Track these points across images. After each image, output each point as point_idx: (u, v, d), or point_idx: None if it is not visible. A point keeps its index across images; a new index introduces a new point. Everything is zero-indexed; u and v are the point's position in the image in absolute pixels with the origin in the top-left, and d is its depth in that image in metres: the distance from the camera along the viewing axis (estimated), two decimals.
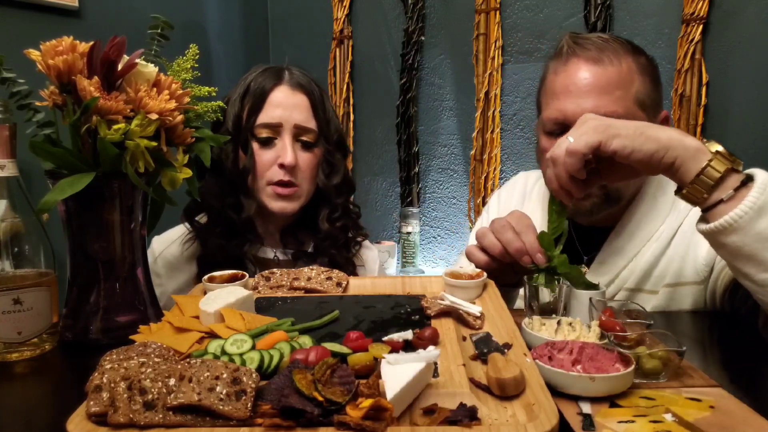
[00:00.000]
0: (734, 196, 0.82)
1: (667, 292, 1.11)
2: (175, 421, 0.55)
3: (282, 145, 1.21)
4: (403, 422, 0.56)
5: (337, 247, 1.28)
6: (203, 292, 0.87)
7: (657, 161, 0.84)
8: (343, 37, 2.39)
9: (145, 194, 0.92)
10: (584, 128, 0.86)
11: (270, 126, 1.21)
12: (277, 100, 1.21)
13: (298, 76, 1.25)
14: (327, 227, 1.27)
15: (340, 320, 0.81)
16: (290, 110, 1.21)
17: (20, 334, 0.83)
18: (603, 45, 1.11)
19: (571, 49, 1.13)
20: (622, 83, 1.09)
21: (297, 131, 1.22)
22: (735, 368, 0.82)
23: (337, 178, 1.27)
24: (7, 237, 0.84)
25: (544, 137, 1.16)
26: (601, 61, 1.09)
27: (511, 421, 0.57)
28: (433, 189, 2.35)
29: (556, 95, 1.13)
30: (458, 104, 2.26)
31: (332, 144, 1.27)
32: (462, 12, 2.18)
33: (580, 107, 1.07)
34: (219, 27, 2.22)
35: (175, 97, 0.88)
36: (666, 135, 0.84)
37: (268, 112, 1.21)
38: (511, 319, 0.80)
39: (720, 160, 0.83)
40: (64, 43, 0.84)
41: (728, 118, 1.77)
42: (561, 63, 1.14)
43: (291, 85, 1.23)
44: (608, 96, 1.08)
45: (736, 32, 1.75)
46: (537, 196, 1.33)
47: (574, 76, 1.10)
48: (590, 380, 0.64)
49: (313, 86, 1.25)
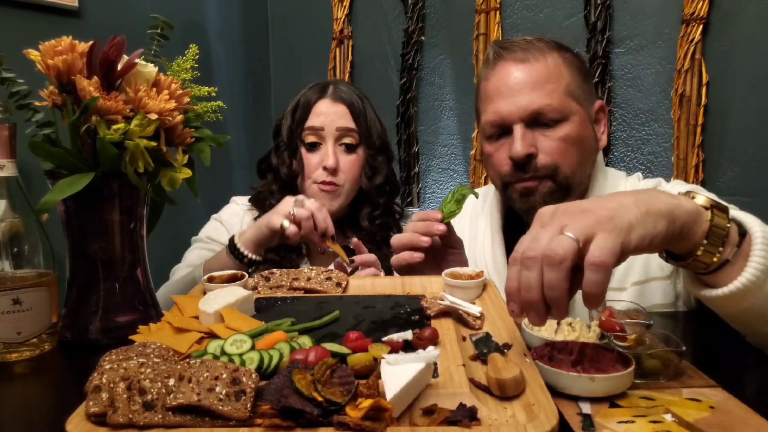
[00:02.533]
0: (738, 253, 0.73)
1: (635, 289, 1.11)
2: (174, 421, 0.55)
3: (325, 150, 1.38)
4: (402, 422, 0.56)
5: (376, 243, 1.41)
6: (203, 293, 0.87)
7: (669, 237, 0.68)
8: (343, 37, 2.39)
9: (145, 194, 0.92)
10: (581, 227, 0.62)
11: (314, 129, 1.39)
12: (320, 110, 1.39)
13: (340, 90, 1.42)
14: (367, 224, 1.43)
15: (339, 320, 0.81)
16: (332, 117, 1.39)
17: (20, 334, 0.83)
18: (527, 45, 1.15)
19: (497, 54, 1.17)
20: (551, 77, 1.12)
21: (339, 134, 1.39)
22: (735, 368, 0.82)
23: (379, 179, 1.42)
24: (7, 237, 0.84)
25: (486, 143, 1.19)
26: (527, 60, 1.13)
27: (510, 422, 0.57)
28: (433, 189, 2.35)
29: (490, 99, 1.16)
30: (458, 104, 2.26)
31: (374, 148, 1.42)
32: (462, 12, 2.18)
33: (515, 105, 1.11)
34: (219, 27, 2.22)
35: (175, 97, 0.88)
36: (664, 204, 0.68)
37: (313, 119, 1.39)
38: (511, 319, 0.80)
39: (718, 215, 0.71)
40: (63, 43, 0.84)
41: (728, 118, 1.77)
42: (490, 69, 1.17)
43: (333, 98, 1.40)
44: (540, 90, 1.11)
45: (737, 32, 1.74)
46: (488, 213, 1.32)
47: (504, 78, 1.14)
48: (590, 380, 0.64)
49: (355, 98, 1.41)
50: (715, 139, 1.77)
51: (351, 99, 1.41)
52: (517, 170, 1.13)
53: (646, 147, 1.89)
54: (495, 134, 1.16)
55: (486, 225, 1.30)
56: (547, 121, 1.12)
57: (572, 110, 1.13)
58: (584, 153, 1.16)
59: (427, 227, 1.02)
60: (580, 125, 1.14)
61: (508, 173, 1.15)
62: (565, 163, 1.12)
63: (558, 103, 1.11)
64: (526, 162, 1.12)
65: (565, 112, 1.12)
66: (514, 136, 1.12)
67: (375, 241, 1.42)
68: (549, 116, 1.11)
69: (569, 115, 1.13)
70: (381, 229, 1.44)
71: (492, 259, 1.25)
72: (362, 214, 1.44)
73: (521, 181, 1.14)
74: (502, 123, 1.13)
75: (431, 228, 1.02)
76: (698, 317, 1.07)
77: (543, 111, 1.11)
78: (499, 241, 1.26)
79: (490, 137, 1.18)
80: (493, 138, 1.17)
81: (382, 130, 1.46)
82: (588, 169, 1.19)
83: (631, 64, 1.88)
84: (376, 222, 1.43)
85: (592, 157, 1.20)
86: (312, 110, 1.40)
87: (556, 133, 1.12)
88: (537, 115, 1.11)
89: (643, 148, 1.89)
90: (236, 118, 2.33)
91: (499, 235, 1.26)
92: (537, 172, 1.12)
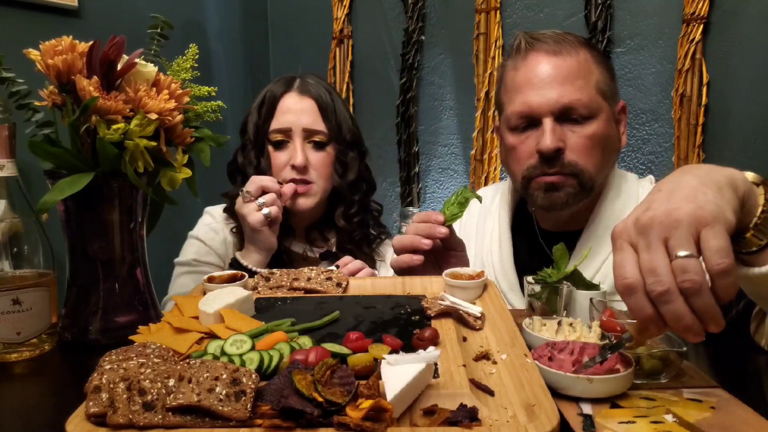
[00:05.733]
0: None
1: None
2: (174, 421, 0.55)
3: (293, 147, 1.31)
4: (403, 423, 0.56)
5: (356, 243, 1.37)
6: (203, 293, 0.87)
7: (738, 207, 0.65)
8: (343, 37, 2.39)
9: (145, 194, 0.92)
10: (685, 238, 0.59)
11: (281, 131, 1.32)
12: (286, 106, 1.32)
13: (307, 83, 1.34)
14: (343, 223, 1.36)
15: (340, 321, 0.80)
16: (298, 115, 1.31)
17: (19, 334, 0.83)
18: (559, 38, 1.14)
19: (529, 44, 1.15)
20: (582, 73, 1.11)
21: (306, 134, 1.32)
22: (736, 369, 0.82)
23: (351, 175, 1.35)
24: (7, 237, 0.84)
25: (510, 134, 1.17)
26: (560, 53, 1.12)
27: (511, 422, 0.56)
28: (433, 189, 2.35)
29: (519, 89, 1.14)
30: (458, 104, 2.26)
31: (345, 144, 1.35)
32: (462, 11, 2.18)
33: (545, 98, 1.10)
34: (219, 27, 2.22)
35: (175, 97, 0.88)
36: (723, 176, 0.66)
37: (279, 118, 1.32)
38: (511, 319, 0.80)
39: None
40: (63, 42, 0.84)
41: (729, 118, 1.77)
42: (520, 59, 1.15)
43: (299, 92, 1.33)
44: (571, 85, 1.10)
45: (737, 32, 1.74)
46: (497, 211, 1.31)
47: (535, 68, 1.12)
48: (588, 381, 0.64)
49: (322, 91, 1.34)
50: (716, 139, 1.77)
51: (318, 93, 1.33)
52: (542, 164, 1.12)
53: (646, 147, 1.88)
54: (521, 126, 1.14)
55: (494, 224, 1.29)
56: (577, 117, 1.11)
57: (601, 108, 1.12)
58: (608, 152, 1.15)
59: (428, 229, 1.02)
60: (607, 124, 1.13)
61: (533, 166, 1.13)
62: (590, 163, 1.11)
63: (588, 99, 1.10)
64: (554, 156, 1.10)
65: (594, 109, 1.11)
66: (544, 129, 1.10)
67: (354, 241, 1.38)
68: (579, 112, 1.10)
69: (598, 113, 1.12)
70: (359, 227, 1.38)
71: (499, 259, 1.25)
72: (337, 214, 1.37)
73: (546, 175, 1.12)
74: (531, 115, 1.12)
75: (433, 231, 1.01)
76: None
77: (573, 106, 1.10)
78: (507, 241, 1.25)
79: (515, 128, 1.15)
80: (518, 130, 1.15)
81: (353, 125, 1.39)
82: (609, 168, 1.18)
83: (632, 64, 1.88)
84: (352, 220, 1.37)
85: (614, 156, 1.19)
86: (278, 107, 1.33)
87: (585, 130, 1.11)
88: (567, 110, 1.10)
89: (643, 147, 1.89)
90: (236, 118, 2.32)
91: (507, 235, 1.26)
92: (563, 168, 1.11)
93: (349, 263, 1.11)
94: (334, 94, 1.37)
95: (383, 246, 1.46)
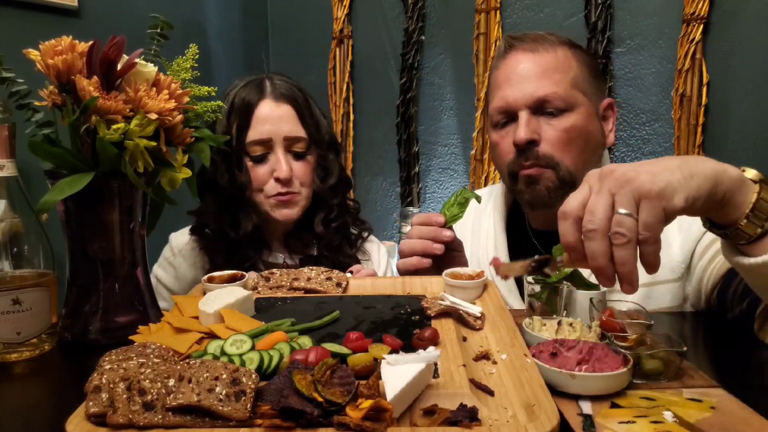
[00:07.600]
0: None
1: (643, 291, 1.09)
2: (174, 421, 0.55)
3: (275, 159, 1.22)
4: (403, 423, 0.56)
5: (334, 248, 1.30)
6: (203, 293, 0.87)
7: (711, 201, 0.70)
8: (343, 37, 2.39)
9: (145, 194, 0.92)
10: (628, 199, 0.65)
11: (261, 143, 1.21)
12: (264, 115, 1.21)
13: (279, 85, 1.25)
14: (321, 230, 1.29)
15: (340, 321, 0.80)
16: (278, 123, 1.22)
17: (19, 334, 0.83)
18: (539, 37, 1.17)
19: (509, 45, 1.18)
20: (559, 68, 1.13)
21: (288, 143, 1.23)
22: (736, 368, 0.82)
23: (332, 179, 1.30)
24: (7, 237, 0.84)
25: (493, 131, 1.20)
26: (537, 50, 1.15)
27: (511, 422, 0.56)
28: (433, 189, 2.35)
29: (498, 86, 1.17)
30: (458, 104, 2.26)
31: (324, 147, 1.29)
32: (462, 11, 2.18)
33: (522, 92, 1.12)
34: (219, 27, 2.22)
35: (175, 97, 0.88)
36: (709, 168, 0.70)
37: (257, 128, 1.21)
38: (511, 319, 0.80)
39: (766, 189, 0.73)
40: (63, 42, 0.84)
41: (729, 118, 1.77)
42: (501, 59, 1.19)
43: (274, 97, 1.23)
44: (547, 79, 1.12)
45: (737, 32, 1.74)
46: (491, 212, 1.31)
47: (514, 66, 1.15)
48: (571, 377, 0.64)
49: (296, 93, 1.26)
50: (716, 139, 1.77)
51: (293, 95, 1.25)
52: (519, 156, 1.13)
53: (646, 146, 1.89)
54: (501, 122, 1.17)
55: (489, 224, 1.30)
56: (552, 110, 1.12)
57: (578, 102, 1.13)
58: (588, 147, 1.16)
59: (434, 233, 1.02)
60: (586, 118, 1.14)
61: (512, 160, 1.15)
62: (567, 156, 1.12)
63: (564, 92, 1.11)
64: (527, 148, 1.12)
65: (570, 102, 1.12)
66: (519, 122, 1.12)
67: (333, 247, 1.30)
68: (554, 104, 1.11)
69: (574, 106, 1.13)
70: (338, 231, 1.31)
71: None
72: (317, 221, 1.29)
73: (523, 168, 1.14)
74: (508, 109, 1.14)
75: (439, 235, 1.02)
76: (699, 317, 1.07)
77: (548, 99, 1.11)
78: (502, 241, 1.26)
79: (496, 125, 1.18)
80: (499, 126, 1.18)
81: (327, 123, 1.32)
82: (593, 164, 1.18)
83: (632, 64, 1.88)
84: (331, 225, 1.30)
85: (597, 152, 1.19)
86: (254, 116, 1.21)
87: (561, 123, 1.12)
88: (542, 103, 1.11)
89: (643, 147, 1.89)
90: None
91: (502, 235, 1.26)
92: (538, 160, 1.12)
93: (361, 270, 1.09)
94: (306, 93, 1.29)
95: (367, 243, 1.40)
